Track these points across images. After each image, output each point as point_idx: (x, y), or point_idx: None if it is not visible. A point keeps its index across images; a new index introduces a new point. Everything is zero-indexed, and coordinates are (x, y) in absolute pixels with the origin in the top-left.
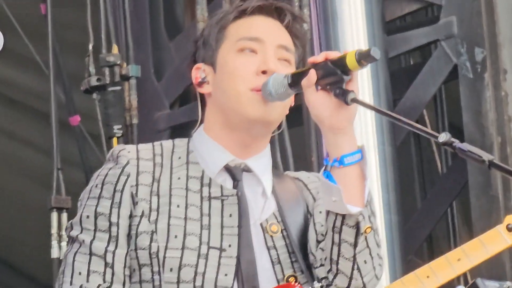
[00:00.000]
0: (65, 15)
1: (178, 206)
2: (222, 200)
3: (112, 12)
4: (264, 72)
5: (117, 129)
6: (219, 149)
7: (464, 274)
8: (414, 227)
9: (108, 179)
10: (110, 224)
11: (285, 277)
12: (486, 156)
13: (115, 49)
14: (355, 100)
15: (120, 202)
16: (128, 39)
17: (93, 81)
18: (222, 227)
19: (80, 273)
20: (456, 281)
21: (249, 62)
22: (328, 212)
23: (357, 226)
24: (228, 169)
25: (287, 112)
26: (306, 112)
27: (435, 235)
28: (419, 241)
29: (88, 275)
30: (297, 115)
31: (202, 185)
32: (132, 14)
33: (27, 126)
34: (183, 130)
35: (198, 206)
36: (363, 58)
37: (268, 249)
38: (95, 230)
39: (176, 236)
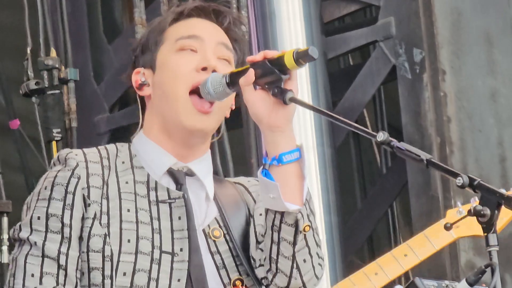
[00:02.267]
0: (3, 18)
1: (128, 210)
2: (170, 204)
3: (50, 15)
4: (204, 69)
5: (56, 132)
6: (161, 152)
7: (406, 273)
8: (354, 227)
9: (58, 181)
10: (63, 225)
11: (232, 281)
12: (424, 155)
13: (53, 52)
14: (293, 100)
15: (72, 204)
16: (66, 42)
17: (32, 85)
18: (172, 231)
19: (32, 275)
20: (397, 280)
21: (189, 60)
22: (267, 211)
23: (296, 224)
24: (171, 172)
25: (228, 116)
26: (245, 114)
27: (375, 236)
28: (359, 242)
29: (41, 277)
30: (236, 118)
31: (149, 189)
32: (70, 17)
33: None
34: (123, 133)
35: (147, 210)
36: (301, 57)
37: (212, 254)
38: (46, 232)
39: (129, 240)
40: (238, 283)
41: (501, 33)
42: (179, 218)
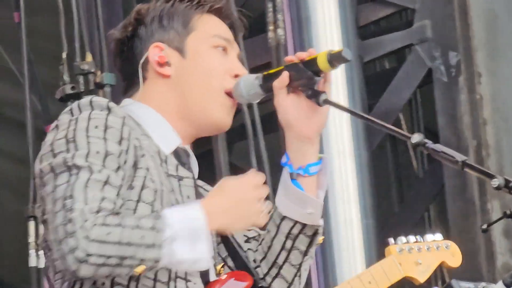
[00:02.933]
0: (39, 23)
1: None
2: (179, 180)
3: (86, 20)
4: (236, 76)
5: None
6: (171, 130)
7: (442, 274)
8: (391, 231)
9: (110, 124)
10: (119, 167)
11: (218, 267)
12: (459, 157)
13: (89, 57)
14: (327, 102)
15: (127, 150)
16: (102, 47)
17: (68, 89)
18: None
19: (93, 196)
20: (434, 281)
21: (223, 61)
22: (284, 218)
23: (313, 236)
24: (175, 151)
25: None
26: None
27: None
28: None
29: (102, 198)
30: (273, 121)
31: (160, 161)
32: (105, 22)
33: (3, 135)
34: None
35: (165, 179)
36: (335, 59)
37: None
38: (103, 167)
39: (161, 204)
40: (221, 270)
41: None
42: (188, 197)
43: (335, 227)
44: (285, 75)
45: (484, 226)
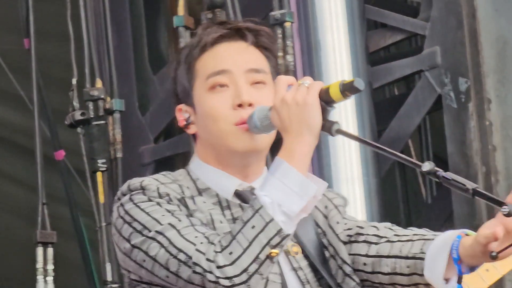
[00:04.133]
0: (49, 50)
1: (221, 222)
2: None
3: (96, 47)
4: (240, 106)
5: (101, 163)
6: (225, 175)
7: None
8: None
9: (151, 195)
10: (187, 214)
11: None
12: (470, 185)
13: (99, 83)
14: (340, 131)
15: (179, 206)
16: (112, 73)
17: (77, 115)
18: None
19: (196, 237)
20: None
21: (223, 98)
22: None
23: None
24: (238, 194)
25: (274, 136)
26: None
27: None
28: None
29: (203, 233)
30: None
31: (222, 209)
32: (116, 48)
33: (12, 161)
34: (167, 163)
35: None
36: (347, 89)
37: (295, 270)
38: (179, 218)
39: None
40: None
41: None
42: None
43: None
44: None
45: (494, 253)
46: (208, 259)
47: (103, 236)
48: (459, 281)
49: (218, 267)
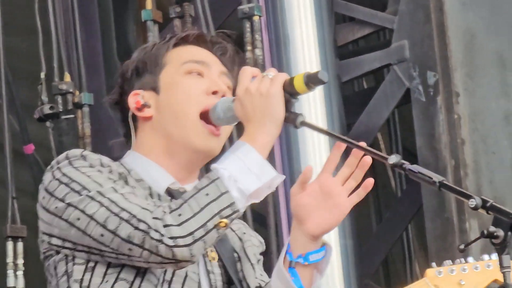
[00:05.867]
0: (17, 43)
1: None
2: None
3: (64, 40)
4: (214, 93)
5: None
6: (161, 171)
7: None
8: (369, 251)
9: (95, 163)
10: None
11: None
12: (436, 178)
13: (67, 77)
14: (304, 123)
15: (119, 179)
16: (80, 67)
17: (46, 109)
18: None
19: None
20: None
21: (199, 83)
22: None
23: None
24: (169, 192)
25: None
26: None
27: (391, 259)
28: (375, 265)
29: (146, 199)
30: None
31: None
32: (84, 42)
33: None
34: None
35: None
36: (311, 81)
37: (208, 272)
38: (121, 186)
39: None
40: None
41: None
42: None
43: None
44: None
45: (462, 246)
46: (155, 217)
47: None
48: (291, 264)
49: (165, 225)
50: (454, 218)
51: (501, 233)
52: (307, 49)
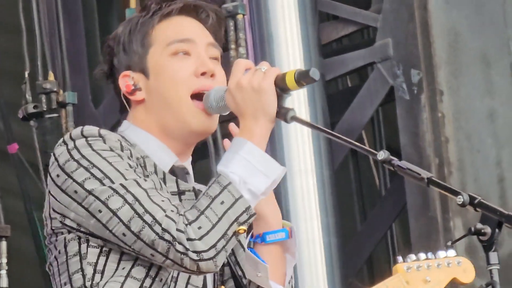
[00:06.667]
0: (1, 42)
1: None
2: (179, 195)
3: (48, 39)
4: (203, 74)
5: None
6: (165, 149)
7: None
8: (354, 249)
9: (115, 145)
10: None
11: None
12: (425, 174)
13: (51, 76)
14: (295, 118)
15: (138, 166)
16: (64, 66)
17: (30, 108)
18: None
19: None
20: None
21: (186, 64)
22: (250, 282)
23: None
24: (173, 170)
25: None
26: (212, 146)
27: (375, 258)
28: (359, 264)
29: (168, 198)
30: (204, 148)
31: (159, 180)
32: (68, 41)
33: None
34: None
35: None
36: (302, 78)
37: None
38: (142, 178)
39: None
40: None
41: (498, 54)
42: None
43: (297, 245)
44: None
45: (449, 243)
46: (178, 229)
47: None
48: (249, 245)
49: (189, 239)
50: (438, 217)
51: (488, 230)
52: (291, 48)
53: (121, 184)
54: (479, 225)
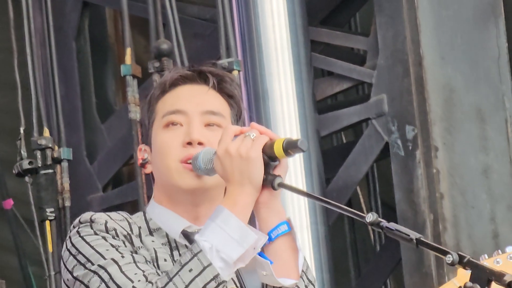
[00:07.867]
0: None
1: (165, 260)
2: None
3: (43, 95)
4: (189, 143)
5: (49, 212)
6: (174, 216)
7: None
8: None
9: (100, 228)
10: (131, 250)
11: None
12: (413, 235)
13: (46, 132)
14: (282, 185)
15: (124, 242)
16: (59, 122)
17: (25, 164)
18: None
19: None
20: None
21: (175, 135)
22: (265, 285)
23: None
24: (186, 235)
25: None
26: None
27: None
28: None
29: (143, 271)
30: None
31: (171, 250)
32: (63, 97)
33: None
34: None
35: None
36: (291, 148)
37: None
38: (123, 254)
39: None
40: None
41: (493, 110)
42: None
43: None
44: None
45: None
46: None
47: (52, 285)
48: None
49: None
50: (433, 273)
51: None
52: (286, 104)
53: (99, 265)
54: (469, 284)
